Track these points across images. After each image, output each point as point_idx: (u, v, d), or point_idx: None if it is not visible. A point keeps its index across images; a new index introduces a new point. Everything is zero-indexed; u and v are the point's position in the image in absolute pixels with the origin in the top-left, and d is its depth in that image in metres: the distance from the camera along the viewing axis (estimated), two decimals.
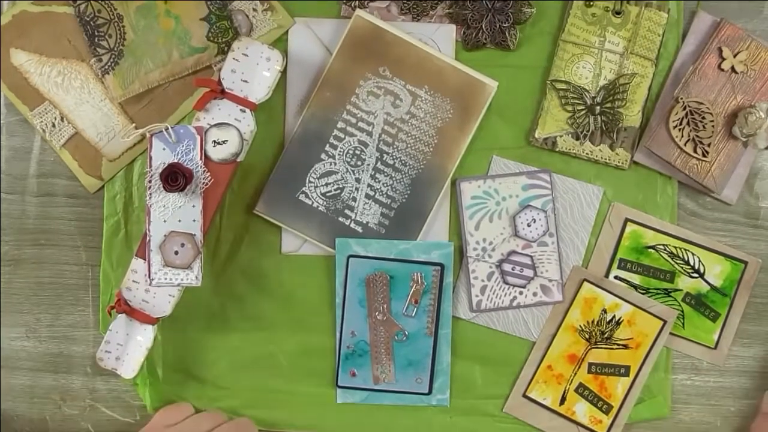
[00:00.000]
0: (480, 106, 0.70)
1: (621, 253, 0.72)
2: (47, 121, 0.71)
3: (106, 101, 0.71)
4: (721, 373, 0.73)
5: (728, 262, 0.72)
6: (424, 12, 0.72)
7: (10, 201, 0.73)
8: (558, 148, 0.71)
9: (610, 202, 0.72)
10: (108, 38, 0.70)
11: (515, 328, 0.72)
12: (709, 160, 0.70)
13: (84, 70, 0.71)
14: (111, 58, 0.70)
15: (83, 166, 0.72)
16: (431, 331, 0.71)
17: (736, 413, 0.74)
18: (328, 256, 0.72)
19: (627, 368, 0.72)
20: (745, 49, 0.70)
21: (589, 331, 0.72)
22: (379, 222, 0.71)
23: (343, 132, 0.71)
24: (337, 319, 0.72)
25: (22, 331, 0.74)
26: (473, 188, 0.71)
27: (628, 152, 0.71)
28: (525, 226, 0.71)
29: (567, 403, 0.72)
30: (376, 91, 0.71)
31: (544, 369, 0.72)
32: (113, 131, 0.72)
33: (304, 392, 0.73)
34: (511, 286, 0.71)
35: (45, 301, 0.74)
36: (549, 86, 0.71)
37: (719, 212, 0.73)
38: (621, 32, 0.71)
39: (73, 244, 0.73)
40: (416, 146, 0.71)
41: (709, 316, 0.72)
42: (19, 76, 0.71)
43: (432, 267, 0.71)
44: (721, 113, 0.70)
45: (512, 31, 0.71)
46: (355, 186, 0.71)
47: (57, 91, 0.71)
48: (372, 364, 0.72)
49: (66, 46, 0.71)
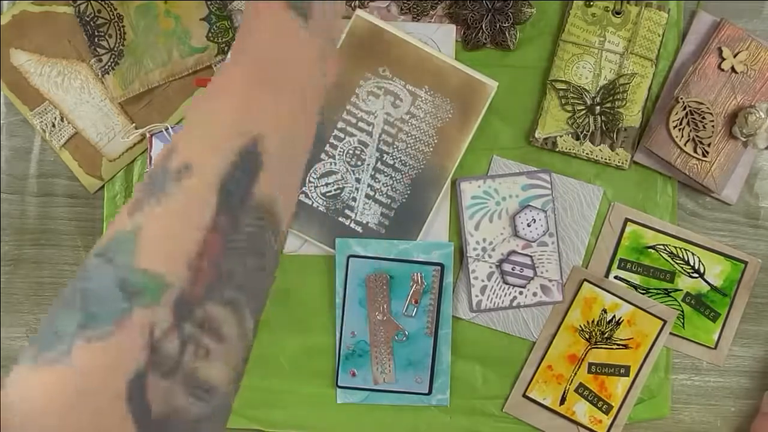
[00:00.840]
0: (480, 106, 0.70)
1: (621, 253, 0.72)
2: (47, 121, 0.71)
3: (106, 101, 0.71)
4: (721, 373, 0.73)
5: (728, 262, 0.72)
6: (424, 12, 0.72)
7: (10, 201, 0.73)
8: (558, 148, 0.71)
9: (610, 202, 0.72)
10: (108, 38, 0.70)
11: (515, 328, 0.72)
12: (709, 160, 0.70)
13: (84, 70, 0.71)
14: (111, 58, 0.70)
15: (83, 166, 0.72)
16: (431, 331, 0.71)
17: (736, 413, 0.74)
18: (328, 256, 0.72)
19: (627, 368, 0.72)
20: (745, 49, 0.70)
21: (589, 331, 0.72)
22: (379, 222, 0.71)
23: (343, 132, 0.71)
24: (337, 319, 0.72)
25: (22, 331, 0.74)
26: (473, 188, 0.71)
27: (628, 152, 0.71)
28: (525, 226, 0.71)
29: (567, 403, 0.72)
30: (376, 91, 0.71)
31: (544, 369, 0.72)
32: (113, 131, 0.71)
33: (304, 392, 0.73)
34: (511, 286, 0.71)
35: (45, 301, 0.74)
36: (549, 86, 0.71)
37: (719, 212, 0.73)
38: (621, 32, 0.71)
39: (73, 244, 0.73)
40: (416, 146, 0.71)
41: (709, 316, 0.72)
42: (19, 76, 0.71)
43: (432, 267, 0.71)
44: (721, 113, 0.70)
45: (512, 31, 0.71)
46: (355, 186, 0.71)
47: (57, 91, 0.71)
48: (372, 364, 0.72)
49: (66, 46, 0.70)
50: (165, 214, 0.38)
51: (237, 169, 0.39)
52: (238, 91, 0.41)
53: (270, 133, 0.41)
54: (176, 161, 0.39)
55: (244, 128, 0.40)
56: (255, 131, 0.40)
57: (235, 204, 0.39)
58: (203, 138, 0.40)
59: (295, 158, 0.44)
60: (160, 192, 0.38)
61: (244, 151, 0.39)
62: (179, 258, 0.38)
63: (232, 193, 0.39)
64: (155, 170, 0.40)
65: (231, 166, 0.39)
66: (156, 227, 0.38)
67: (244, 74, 0.42)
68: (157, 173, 0.39)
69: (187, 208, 0.38)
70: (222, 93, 0.42)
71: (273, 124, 0.41)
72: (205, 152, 0.39)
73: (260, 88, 0.42)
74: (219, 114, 0.41)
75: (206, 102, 0.42)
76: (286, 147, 0.42)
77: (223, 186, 0.38)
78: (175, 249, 0.38)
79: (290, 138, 0.42)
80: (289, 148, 0.43)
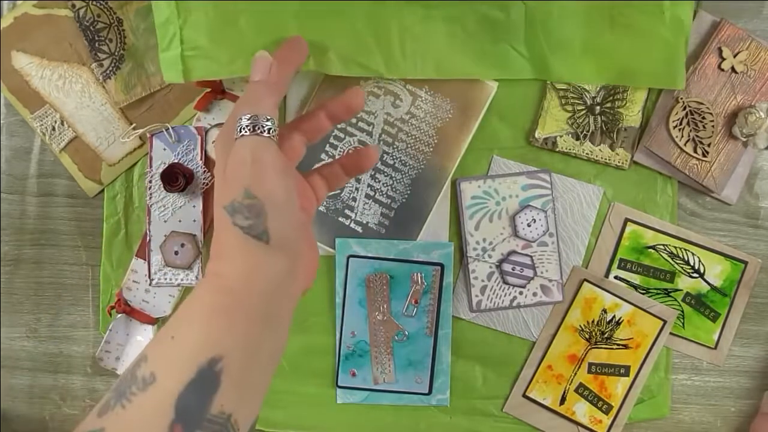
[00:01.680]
0: (480, 106, 0.70)
1: (621, 253, 0.72)
2: (47, 125, 0.71)
3: (107, 105, 0.71)
4: (721, 373, 0.73)
5: (728, 262, 0.72)
6: None
7: (10, 201, 0.73)
8: (558, 148, 0.71)
9: (610, 202, 0.72)
10: (108, 42, 0.70)
11: (515, 328, 0.72)
12: (709, 160, 0.70)
13: (85, 73, 0.71)
14: (112, 62, 0.70)
15: (83, 170, 0.72)
16: (431, 331, 0.71)
17: (736, 413, 0.74)
18: (328, 256, 0.72)
19: (627, 368, 0.72)
20: (745, 49, 0.70)
21: (589, 331, 0.72)
22: (379, 222, 0.71)
23: (343, 132, 0.71)
24: (337, 319, 0.72)
25: (22, 331, 0.74)
26: (473, 188, 0.71)
27: (628, 152, 0.71)
28: (525, 226, 0.71)
29: (567, 403, 0.72)
30: (376, 91, 0.71)
31: (544, 369, 0.72)
32: (113, 136, 0.71)
33: (305, 392, 0.73)
34: (511, 286, 0.71)
35: (45, 301, 0.74)
36: (549, 86, 0.71)
37: (719, 212, 0.73)
38: None
39: (73, 244, 0.73)
40: (416, 146, 0.71)
41: (709, 316, 0.72)
42: (19, 78, 0.71)
43: (432, 267, 0.71)
44: (721, 113, 0.70)
45: None
46: (355, 186, 0.71)
47: (57, 94, 0.71)
48: (372, 364, 0.72)
49: (67, 49, 0.70)
50: (128, 419, 0.42)
51: (195, 385, 0.42)
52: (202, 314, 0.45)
53: (228, 354, 0.44)
54: (144, 370, 0.43)
55: (204, 349, 0.43)
56: (214, 353, 0.43)
57: (192, 416, 0.42)
58: (168, 353, 0.44)
59: (254, 376, 0.46)
60: (126, 399, 0.42)
61: (202, 370, 0.43)
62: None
63: (189, 407, 0.42)
64: (126, 375, 0.44)
65: (190, 382, 0.42)
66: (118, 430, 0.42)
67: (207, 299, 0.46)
68: (127, 378, 0.43)
69: (148, 416, 0.42)
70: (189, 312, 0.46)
71: (231, 347, 0.44)
72: (168, 366, 0.43)
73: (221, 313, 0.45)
74: (183, 332, 0.44)
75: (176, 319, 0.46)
76: (245, 367, 0.45)
77: (181, 399, 0.42)
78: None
79: (249, 358, 0.45)
80: (248, 367, 0.45)
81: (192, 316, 0.45)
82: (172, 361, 0.43)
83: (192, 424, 0.42)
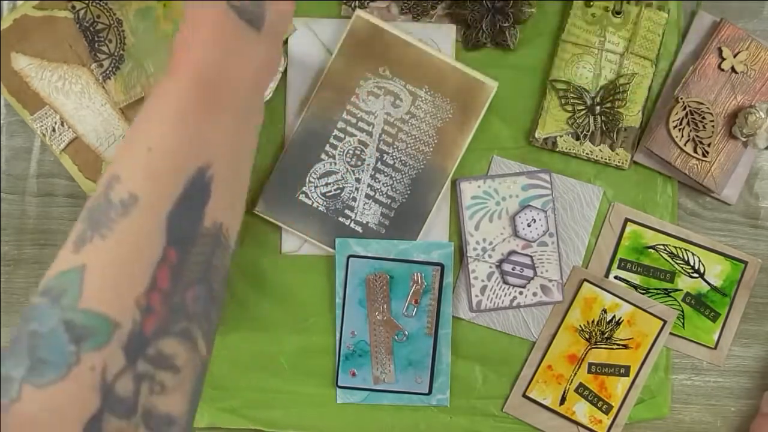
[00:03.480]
0: (480, 106, 0.70)
1: (621, 253, 0.72)
2: (47, 126, 0.71)
3: (107, 106, 0.71)
4: (721, 373, 0.74)
5: (728, 262, 0.72)
6: (424, 12, 0.72)
7: (10, 201, 0.73)
8: (558, 148, 0.71)
9: (610, 202, 0.72)
10: (108, 43, 0.70)
11: (515, 328, 0.72)
12: (709, 160, 0.70)
13: (85, 74, 0.71)
14: (112, 63, 0.70)
15: (83, 171, 0.72)
16: (431, 331, 0.71)
17: (736, 413, 0.74)
18: (328, 256, 0.72)
19: (627, 368, 0.72)
20: (745, 49, 0.70)
21: (589, 331, 0.72)
22: (379, 222, 0.71)
23: (343, 132, 0.71)
24: (337, 319, 0.72)
25: None
26: (473, 188, 0.71)
27: (628, 152, 0.71)
28: (525, 226, 0.71)
29: (567, 403, 0.72)
30: (376, 91, 0.71)
31: (544, 369, 0.72)
32: (113, 136, 0.71)
33: (304, 392, 0.73)
34: (511, 286, 0.71)
35: None
36: (549, 86, 0.71)
37: (719, 212, 0.73)
38: (621, 32, 0.71)
39: None
40: (416, 146, 0.71)
41: (709, 316, 0.72)
42: (19, 80, 0.71)
43: (432, 267, 0.71)
44: (721, 113, 0.70)
45: (512, 30, 0.71)
46: (355, 186, 0.71)
47: (57, 95, 0.71)
48: (372, 364, 0.72)
49: (67, 50, 0.70)
50: (111, 250, 0.36)
51: (185, 201, 0.38)
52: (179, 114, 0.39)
53: (216, 159, 0.39)
54: (121, 192, 0.37)
55: (189, 157, 0.38)
56: (201, 160, 0.38)
57: (185, 236, 0.37)
58: (147, 167, 0.38)
59: (240, 178, 0.42)
60: (105, 228, 0.36)
61: (191, 182, 0.38)
62: (128, 296, 0.36)
63: (181, 226, 0.37)
64: (98, 201, 0.37)
65: (179, 198, 0.37)
66: (102, 265, 0.36)
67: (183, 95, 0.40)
68: (100, 204, 0.37)
69: (135, 244, 0.37)
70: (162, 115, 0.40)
71: (218, 151, 0.39)
72: (151, 183, 0.37)
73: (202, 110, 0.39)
74: (161, 140, 0.39)
75: (146, 124, 0.40)
76: (232, 170, 0.41)
77: (172, 219, 0.37)
78: (124, 287, 0.36)
79: (235, 160, 0.41)
80: (235, 170, 0.41)
81: (164, 119, 0.39)
82: (153, 176, 0.37)
83: (186, 244, 0.37)
